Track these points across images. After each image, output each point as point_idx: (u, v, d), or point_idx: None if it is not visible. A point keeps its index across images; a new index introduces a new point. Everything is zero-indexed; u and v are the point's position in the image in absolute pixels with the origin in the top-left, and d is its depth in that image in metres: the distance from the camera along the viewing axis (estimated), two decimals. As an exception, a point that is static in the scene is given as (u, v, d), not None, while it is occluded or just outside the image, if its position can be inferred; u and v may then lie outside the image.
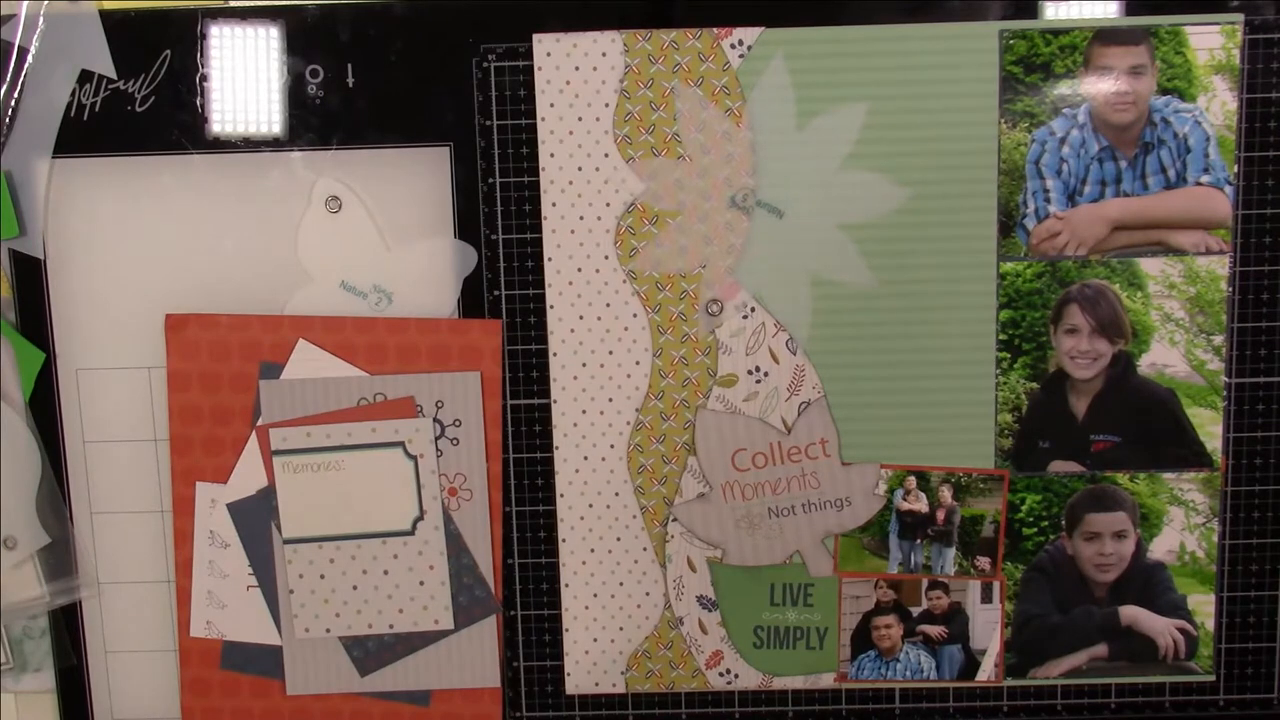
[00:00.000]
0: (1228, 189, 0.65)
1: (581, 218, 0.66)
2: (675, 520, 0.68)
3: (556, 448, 0.68)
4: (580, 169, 0.65)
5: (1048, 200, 0.65)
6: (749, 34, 0.64)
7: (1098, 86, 0.64)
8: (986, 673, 0.70)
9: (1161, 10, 0.64)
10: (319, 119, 0.65)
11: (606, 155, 0.65)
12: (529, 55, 0.65)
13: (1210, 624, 0.69)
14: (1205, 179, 0.65)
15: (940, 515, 0.68)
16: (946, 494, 0.68)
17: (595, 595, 0.69)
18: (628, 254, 0.66)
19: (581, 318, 0.67)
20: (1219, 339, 0.66)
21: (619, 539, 0.69)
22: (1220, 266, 0.66)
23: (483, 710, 0.70)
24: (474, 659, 0.69)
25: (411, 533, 0.67)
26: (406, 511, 0.67)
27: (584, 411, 0.67)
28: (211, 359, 0.67)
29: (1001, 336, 0.66)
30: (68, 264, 0.67)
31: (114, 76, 0.65)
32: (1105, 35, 0.64)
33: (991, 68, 0.64)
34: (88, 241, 0.67)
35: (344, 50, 0.65)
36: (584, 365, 0.67)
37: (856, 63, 0.64)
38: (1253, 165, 0.65)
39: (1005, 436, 0.67)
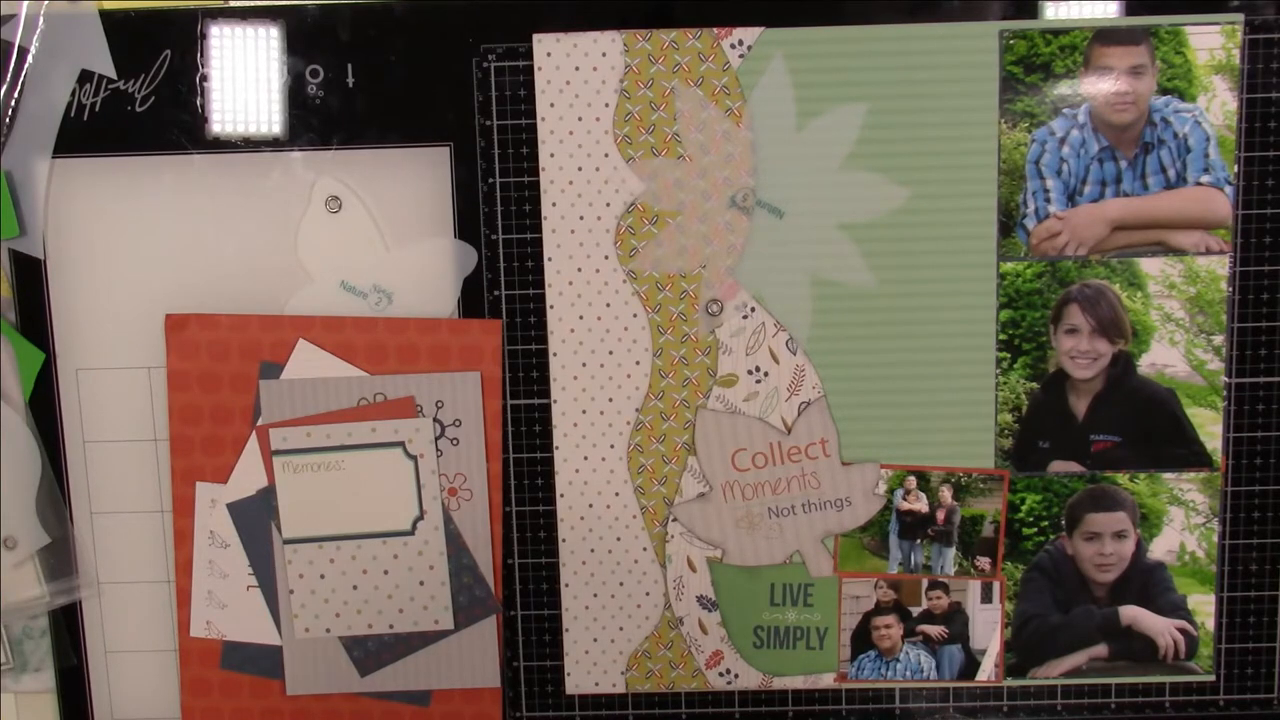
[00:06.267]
0: (1228, 189, 0.65)
1: (581, 218, 0.66)
2: (675, 520, 0.68)
3: (556, 448, 0.68)
4: (580, 169, 0.65)
5: (1048, 200, 0.65)
6: (749, 34, 0.64)
7: (1098, 86, 0.64)
8: (986, 673, 0.70)
9: (1161, 10, 0.64)
10: (319, 119, 0.65)
11: (606, 155, 0.65)
12: (529, 55, 0.65)
13: (1210, 624, 0.69)
14: (1205, 179, 0.65)
15: (940, 515, 0.68)
16: (946, 494, 0.68)
17: (595, 595, 0.69)
18: (628, 254, 0.66)
19: (581, 318, 0.67)
20: (1219, 339, 0.66)
21: (619, 539, 0.69)
22: (1220, 266, 0.66)
23: (483, 710, 0.70)
24: (474, 659, 0.69)
25: (411, 533, 0.67)
26: (406, 511, 0.67)
27: (584, 411, 0.67)
28: (211, 359, 0.67)
29: (1001, 336, 0.66)
30: (68, 264, 0.67)
31: (114, 76, 0.65)
32: (1105, 35, 0.64)
33: (991, 68, 0.64)
34: (88, 241, 0.67)
35: (344, 50, 0.65)
36: (584, 365, 0.67)
37: (856, 63, 0.64)
38: (1253, 165, 0.65)
39: (1005, 436, 0.67)
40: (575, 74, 0.64)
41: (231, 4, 0.65)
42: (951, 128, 0.64)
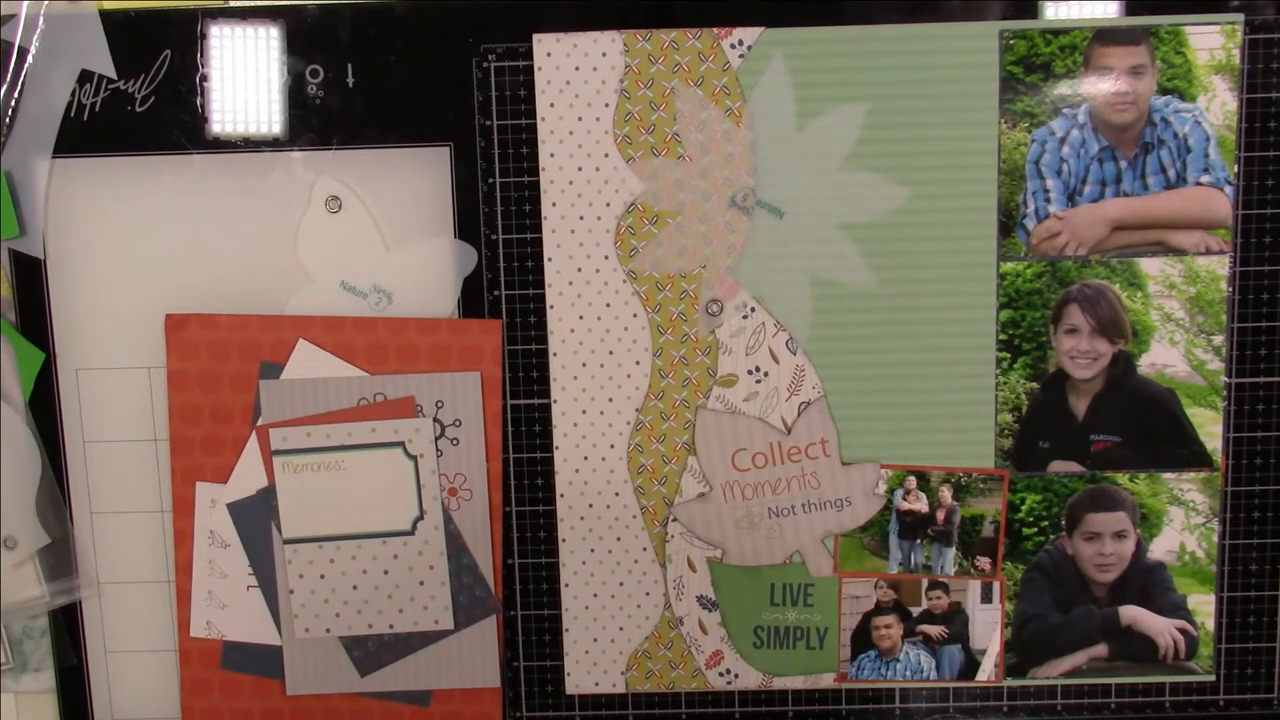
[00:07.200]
0: (1228, 189, 0.65)
1: (581, 218, 0.66)
2: (675, 520, 0.68)
3: (556, 448, 0.68)
4: (580, 169, 0.65)
5: (1048, 200, 0.65)
6: (749, 34, 0.64)
7: (1098, 86, 0.64)
8: (986, 673, 0.70)
9: (1161, 10, 0.64)
10: (319, 119, 0.65)
11: (606, 155, 0.65)
12: (529, 55, 0.65)
13: (1210, 624, 0.69)
14: (1205, 179, 0.65)
15: (940, 515, 0.68)
16: (946, 494, 0.68)
17: (595, 595, 0.69)
18: (628, 254, 0.66)
19: (581, 318, 0.67)
20: (1219, 339, 0.66)
21: (619, 539, 0.69)
22: (1220, 266, 0.66)
23: (483, 710, 0.70)
24: (474, 659, 0.69)
25: (411, 533, 0.67)
26: (406, 511, 0.67)
27: (584, 411, 0.67)
28: (211, 359, 0.67)
29: (1001, 336, 0.66)
30: (68, 264, 0.67)
31: (114, 76, 0.65)
32: (1105, 35, 0.64)
33: (991, 68, 0.64)
34: (88, 241, 0.67)
35: (344, 50, 0.65)
36: (584, 365, 0.67)
37: (856, 63, 0.64)
38: (1253, 165, 0.65)
39: (1005, 436, 0.67)
40: (575, 74, 0.64)
41: (231, 4, 0.65)
42: (951, 128, 0.64)
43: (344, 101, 0.65)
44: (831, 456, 0.67)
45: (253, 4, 0.65)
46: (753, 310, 0.66)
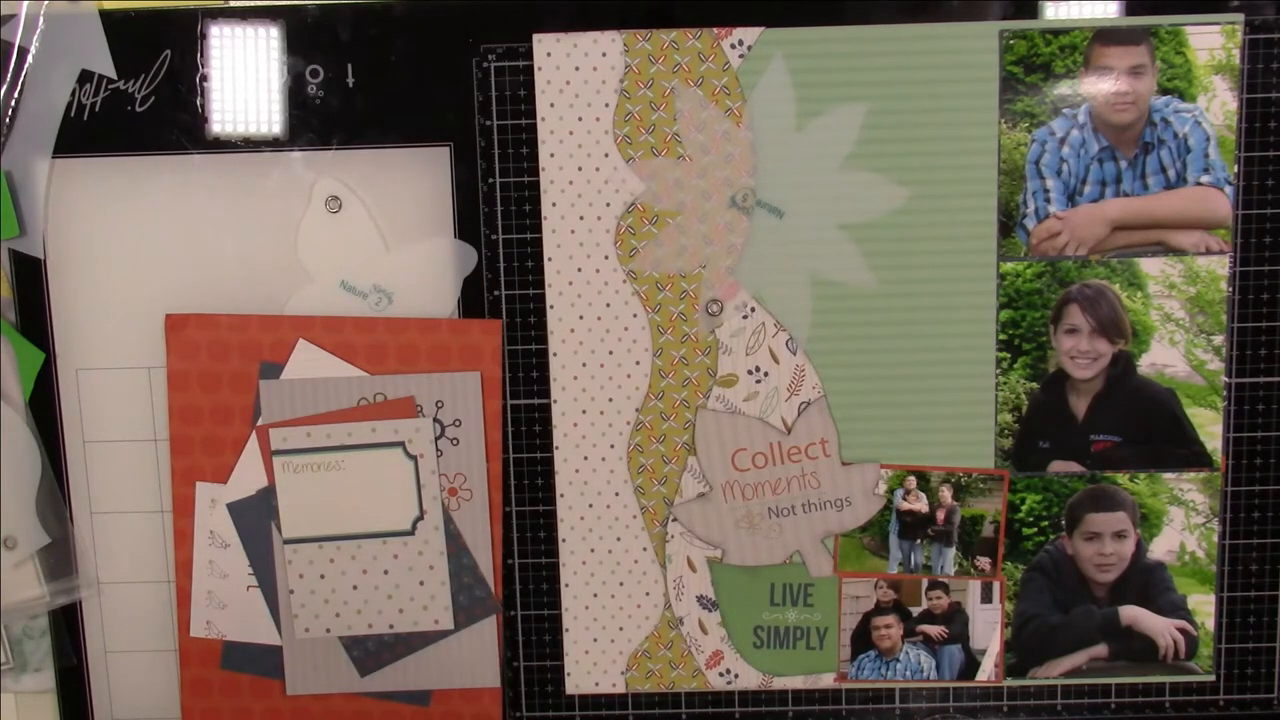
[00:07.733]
0: (1228, 189, 0.65)
1: (581, 218, 0.66)
2: (675, 520, 0.68)
3: (556, 448, 0.68)
4: (580, 169, 0.65)
5: (1048, 200, 0.65)
6: (749, 34, 0.64)
7: (1098, 86, 0.64)
8: (986, 673, 0.70)
9: (1161, 10, 0.64)
10: (319, 119, 0.65)
11: (606, 155, 0.65)
12: (529, 55, 0.65)
13: (1210, 624, 0.69)
14: (1205, 179, 0.65)
15: (940, 515, 0.68)
16: (946, 494, 0.68)
17: (595, 595, 0.69)
18: (628, 254, 0.66)
19: (581, 318, 0.67)
20: (1219, 339, 0.66)
21: (619, 539, 0.69)
22: (1220, 266, 0.66)
23: (483, 710, 0.70)
24: (474, 659, 0.69)
25: (411, 533, 0.67)
26: (406, 511, 0.67)
27: (584, 411, 0.67)
28: (211, 359, 0.67)
29: (1001, 336, 0.66)
30: (68, 264, 0.67)
31: (114, 76, 0.65)
32: (1105, 35, 0.64)
33: (991, 68, 0.64)
34: (88, 241, 0.67)
35: (344, 50, 0.65)
36: (584, 365, 0.67)
37: (856, 63, 0.64)
38: (1253, 165, 0.65)
39: (1005, 436, 0.67)
40: (575, 74, 0.64)
41: (231, 4, 0.65)
42: (951, 128, 0.64)
43: (344, 101, 0.65)
44: (831, 456, 0.67)
45: (253, 4, 0.65)
46: (753, 310, 0.66)
